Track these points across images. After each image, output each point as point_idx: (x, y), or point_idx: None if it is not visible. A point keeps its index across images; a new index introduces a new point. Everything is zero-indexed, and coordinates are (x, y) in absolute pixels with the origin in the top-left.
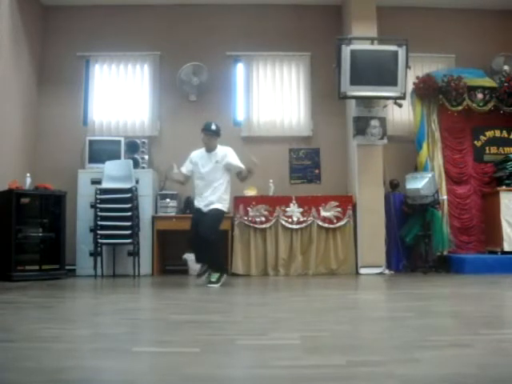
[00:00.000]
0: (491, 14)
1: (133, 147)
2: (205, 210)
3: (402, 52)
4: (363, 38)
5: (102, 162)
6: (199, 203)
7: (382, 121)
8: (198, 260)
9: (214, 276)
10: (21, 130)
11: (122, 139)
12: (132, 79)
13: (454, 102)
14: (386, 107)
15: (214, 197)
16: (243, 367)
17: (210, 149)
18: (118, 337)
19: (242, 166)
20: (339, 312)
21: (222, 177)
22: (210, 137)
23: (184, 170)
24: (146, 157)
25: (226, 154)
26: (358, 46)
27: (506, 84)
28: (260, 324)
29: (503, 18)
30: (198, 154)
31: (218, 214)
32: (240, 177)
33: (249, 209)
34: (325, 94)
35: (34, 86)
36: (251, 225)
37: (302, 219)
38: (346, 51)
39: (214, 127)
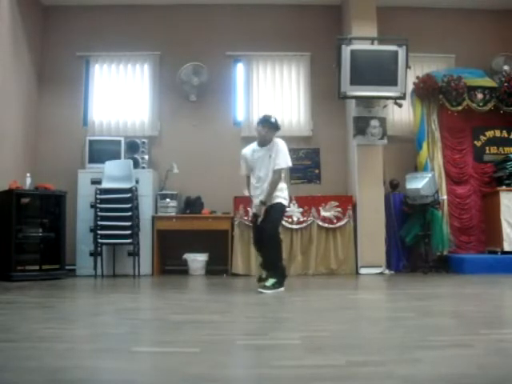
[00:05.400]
0: (491, 14)
1: (133, 147)
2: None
3: (402, 52)
4: (363, 38)
5: (102, 162)
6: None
7: (382, 121)
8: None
9: (270, 281)
10: (21, 130)
11: (122, 139)
12: (132, 79)
13: (454, 102)
14: (386, 107)
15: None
16: (243, 367)
17: (264, 143)
18: (118, 337)
19: (282, 166)
20: (339, 312)
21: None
22: (268, 130)
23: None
24: (146, 157)
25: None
26: (357, 46)
27: (506, 84)
28: (260, 324)
29: (503, 17)
30: (250, 150)
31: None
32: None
33: (249, 209)
34: (325, 94)
35: (34, 86)
36: (251, 225)
37: (302, 219)
38: (346, 51)
39: (273, 120)
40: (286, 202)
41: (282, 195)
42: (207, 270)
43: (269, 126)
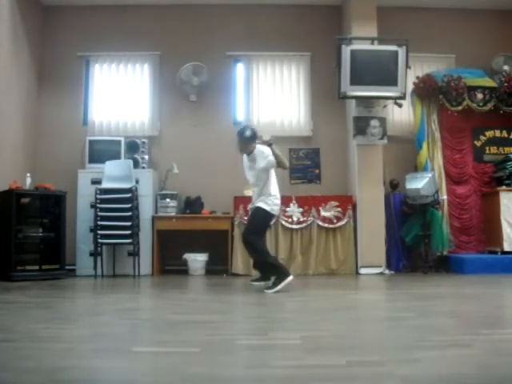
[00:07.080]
0: (491, 13)
1: (133, 147)
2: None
3: (402, 52)
4: (363, 38)
5: (102, 162)
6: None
7: (382, 121)
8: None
9: (272, 279)
10: (21, 130)
11: (122, 139)
12: (132, 79)
13: (454, 102)
14: (386, 107)
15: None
16: (243, 367)
17: (247, 152)
18: (118, 337)
19: (264, 165)
20: (339, 312)
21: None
22: (241, 143)
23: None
24: (146, 157)
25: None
26: (358, 46)
27: (506, 84)
28: (260, 324)
29: (503, 17)
30: (244, 158)
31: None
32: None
33: (249, 209)
34: (325, 94)
35: (34, 86)
36: None
37: (302, 219)
38: (346, 51)
39: (247, 133)
40: (269, 209)
41: (270, 202)
42: (207, 269)
43: (243, 139)
